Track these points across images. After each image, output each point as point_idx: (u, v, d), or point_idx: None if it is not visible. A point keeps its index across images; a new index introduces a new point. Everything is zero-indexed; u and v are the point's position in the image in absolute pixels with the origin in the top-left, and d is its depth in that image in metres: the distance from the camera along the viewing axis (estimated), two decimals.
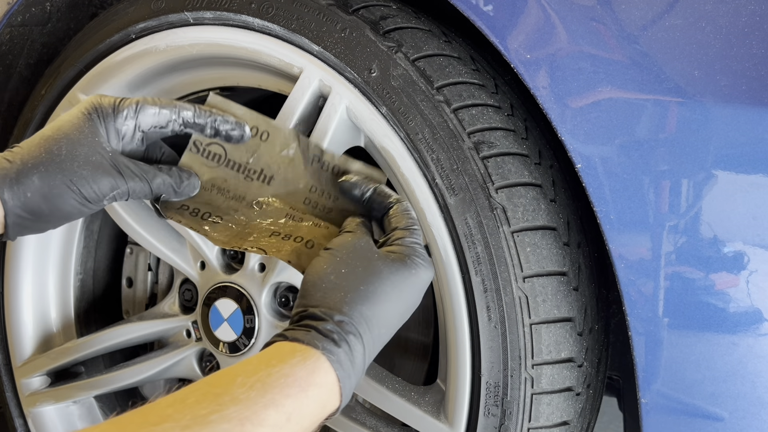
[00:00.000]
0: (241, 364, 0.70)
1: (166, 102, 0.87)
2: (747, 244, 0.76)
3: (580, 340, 0.90)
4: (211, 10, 0.98)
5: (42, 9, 1.20)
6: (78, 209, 0.83)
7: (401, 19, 0.93)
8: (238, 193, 0.91)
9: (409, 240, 0.80)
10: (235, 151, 0.91)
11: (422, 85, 0.88)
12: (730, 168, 0.76)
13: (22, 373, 1.24)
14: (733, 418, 0.79)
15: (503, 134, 0.89)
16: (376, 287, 0.76)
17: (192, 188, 0.91)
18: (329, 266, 0.77)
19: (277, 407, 0.65)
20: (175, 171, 0.89)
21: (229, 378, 0.67)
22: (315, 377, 0.69)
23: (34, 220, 0.82)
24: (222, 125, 0.89)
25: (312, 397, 0.69)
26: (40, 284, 1.24)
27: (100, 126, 0.84)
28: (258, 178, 0.91)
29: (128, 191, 0.85)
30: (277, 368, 0.68)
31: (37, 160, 0.80)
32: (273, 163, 0.90)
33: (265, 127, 0.90)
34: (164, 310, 1.19)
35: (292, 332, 0.73)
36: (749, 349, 0.78)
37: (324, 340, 0.72)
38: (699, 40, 0.76)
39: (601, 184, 0.80)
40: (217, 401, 0.64)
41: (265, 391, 0.66)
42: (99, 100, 0.85)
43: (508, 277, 0.85)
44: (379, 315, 0.76)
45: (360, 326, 0.74)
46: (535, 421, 0.88)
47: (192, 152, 0.91)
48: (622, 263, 0.80)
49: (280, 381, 0.67)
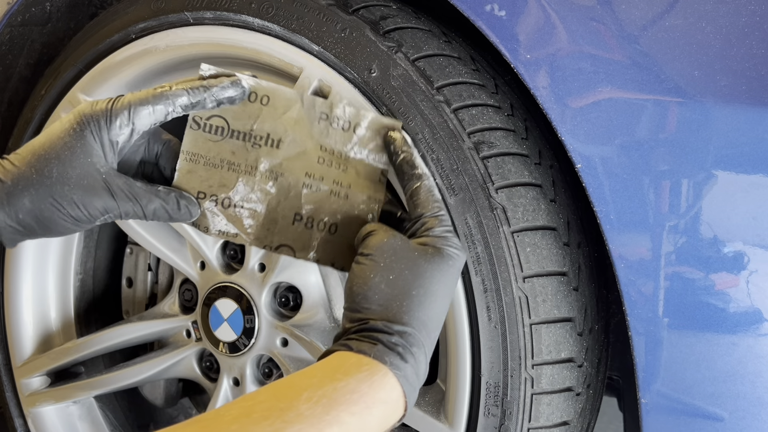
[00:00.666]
0: (305, 374, 0.69)
1: (157, 94, 0.82)
2: (747, 244, 0.76)
3: (580, 340, 0.90)
4: (211, 10, 0.98)
5: (42, 9, 1.20)
6: (70, 228, 0.82)
7: (401, 19, 0.93)
8: (249, 163, 0.88)
9: (440, 229, 0.79)
10: (238, 120, 0.88)
11: (422, 85, 0.88)
12: (730, 168, 0.76)
13: (22, 373, 1.24)
14: (733, 418, 0.79)
15: (503, 134, 0.89)
16: (426, 289, 0.75)
17: (189, 215, 0.87)
18: (375, 274, 0.75)
19: (341, 425, 0.65)
20: (173, 196, 0.86)
21: (295, 391, 0.66)
22: (381, 393, 0.68)
23: (27, 235, 0.82)
24: (220, 93, 0.84)
25: (376, 414, 0.68)
26: (40, 284, 1.23)
27: (93, 141, 0.80)
28: (266, 144, 0.88)
29: (121, 214, 0.83)
30: (343, 382, 0.67)
31: (28, 181, 0.79)
32: (278, 125, 0.88)
33: (264, 91, 0.87)
34: (164, 310, 1.19)
35: (357, 343, 0.72)
36: (749, 349, 0.78)
37: (390, 354, 0.71)
38: (699, 40, 0.76)
39: (601, 184, 0.80)
40: (282, 417, 0.63)
41: (331, 408, 0.65)
42: (90, 110, 0.81)
43: (508, 277, 0.85)
44: (433, 317, 0.75)
45: (421, 334, 0.73)
46: (535, 421, 0.88)
47: (193, 129, 0.88)
48: (622, 263, 0.80)
49: (346, 397, 0.66)
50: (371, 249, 0.78)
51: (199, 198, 0.89)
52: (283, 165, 0.88)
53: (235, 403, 0.66)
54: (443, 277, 0.76)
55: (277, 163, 0.88)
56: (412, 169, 0.82)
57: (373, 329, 0.73)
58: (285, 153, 0.88)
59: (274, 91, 0.88)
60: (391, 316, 0.73)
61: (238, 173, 0.89)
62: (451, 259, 0.77)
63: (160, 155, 0.89)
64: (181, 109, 0.83)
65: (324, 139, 0.87)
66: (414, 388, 0.72)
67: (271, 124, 0.88)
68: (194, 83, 0.84)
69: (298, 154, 0.88)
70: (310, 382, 0.67)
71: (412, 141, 0.87)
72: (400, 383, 0.70)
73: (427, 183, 0.82)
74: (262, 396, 0.66)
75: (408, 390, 0.71)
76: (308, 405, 0.64)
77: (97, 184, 0.80)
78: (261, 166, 0.88)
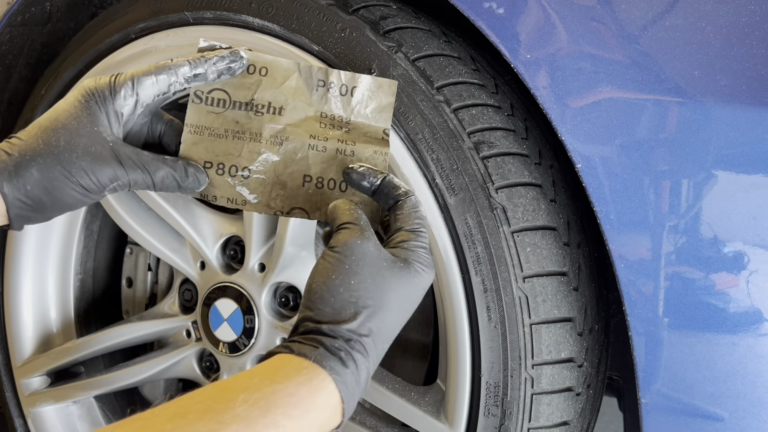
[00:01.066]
0: (244, 376, 0.68)
1: (159, 66, 0.84)
2: (747, 244, 0.76)
3: (580, 340, 0.90)
4: (211, 10, 0.98)
5: (42, 9, 1.20)
6: (80, 199, 0.82)
7: (401, 19, 0.93)
8: (253, 130, 0.89)
9: (414, 243, 0.78)
10: (238, 91, 0.89)
11: (422, 85, 0.88)
12: (730, 168, 0.76)
13: (22, 373, 1.24)
14: (733, 418, 0.79)
15: (503, 134, 0.89)
16: (384, 301, 0.74)
17: (197, 183, 0.87)
18: (337, 276, 0.74)
19: (277, 428, 0.64)
20: (180, 164, 0.86)
21: (232, 393, 0.65)
22: (319, 398, 0.68)
23: (36, 210, 0.81)
24: (221, 63, 0.86)
25: (314, 418, 0.67)
26: (39, 284, 1.23)
27: (99, 112, 0.81)
28: (268, 111, 0.89)
29: (129, 182, 0.83)
30: (282, 385, 0.66)
31: (36, 152, 0.79)
32: (278, 95, 0.89)
33: (262, 63, 0.89)
34: (164, 310, 1.19)
35: (299, 346, 0.71)
36: (749, 349, 0.78)
37: (332, 359, 0.70)
38: (699, 40, 0.75)
39: (601, 184, 0.80)
40: (217, 419, 0.62)
41: (268, 410, 0.64)
42: (94, 83, 0.82)
43: (508, 277, 0.85)
44: (385, 329, 0.74)
45: (367, 344, 0.72)
46: (535, 421, 0.88)
47: (195, 104, 0.89)
48: (622, 263, 0.80)
49: (284, 400, 0.66)
50: (341, 246, 0.76)
51: (205, 167, 0.89)
52: (287, 130, 0.89)
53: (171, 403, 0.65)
54: (405, 292, 0.76)
55: (280, 128, 0.89)
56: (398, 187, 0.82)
57: (319, 332, 0.72)
58: (288, 119, 0.89)
59: (271, 62, 0.89)
60: (340, 320, 0.72)
61: (243, 141, 0.90)
62: (418, 275, 0.76)
63: (163, 134, 0.90)
64: (184, 80, 0.84)
65: (324, 105, 0.88)
66: (353, 395, 0.70)
67: (272, 93, 0.89)
68: (194, 56, 0.86)
69: (300, 120, 0.89)
70: (248, 383, 0.66)
71: (413, 141, 0.87)
72: (339, 389, 0.69)
73: (412, 199, 0.81)
74: (199, 397, 0.65)
75: (346, 396, 0.69)
76: (245, 407, 0.63)
77: (105, 151, 0.81)
78: (265, 132, 0.89)
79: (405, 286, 0.76)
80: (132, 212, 1.13)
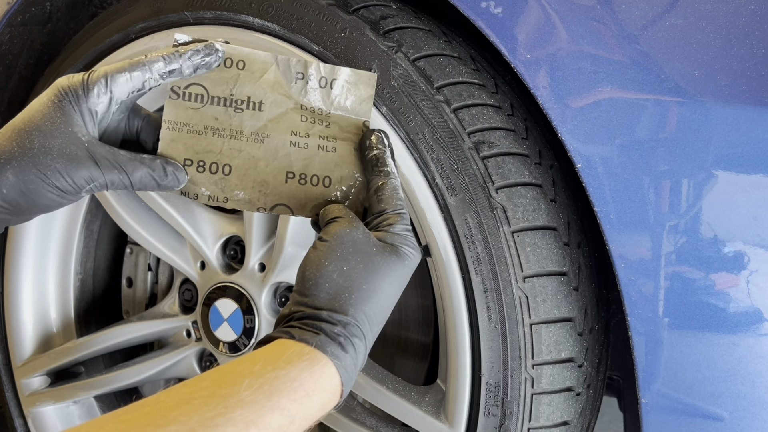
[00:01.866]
0: (246, 360, 0.70)
1: (133, 63, 0.82)
2: (747, 244, 0.76)
3: (580, 340, 0.90)
4: (211, 10, 0.98)
5: (42, 9, 1.20)
6: (57, 201, 0.81)
7: (401, 19, 0.93)
8: (234, 127, 0.88)
9: (400, 227, 0.80)
10: (216, 86, 0.88)
11: (422, 85, 0.88)
12: (730, 168, 0.76)
13: (22, 373, 1.24)
14: (733, 418, 0.79)
15: (503, 134, 0.89)
16: (377, 285, 0.76)
17: (176, 182, 0.86)
18: (330, 262, 0.76)
19: (282, 411, 0.66)
20: (159, 163, 0.84)
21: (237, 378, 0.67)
22: (321, 382, 0.70)
23: (13, 212, 0.81)
24: (195, 57, 0.84)
25: (315, 401, 0.69)
26: (40, 284, 1.24)
27: (73, 111, 0.80)
28: (248, 107, 0.88)
29: (106, 183, 0.82)
30: (284, 371, 0.68)
31: (10, 155, 0.78)
32: (257, 89, 0.88)
33: (239, 56, 0.88)
34: (164, 310, 1.19)
35: (300, 332, 0.73)
36: (749, 349, 0.78)
37: (332, 344, 0.72)
38: (699, 40, 0.76)
39: (601, 184, 0.80)
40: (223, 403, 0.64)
41: (272, 394, 0.66)
42: (68, 81, 0.81)
43: (508, 277, 0.85)
44: (378, 312, 0.77)
45: (364, 328, 0.75)
46: (535, 421, 0.88)
47: (173, 99, 0.87)
48: (622, 263, 0.80)
49: (287, 385, 0.67)
50: (331, 236, 0.78)
51: (185, 165, 0.88)
52: (268, 126, 0.88)
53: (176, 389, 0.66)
54: (395, 276, 0.78)
55: (261, 125, 0.88)
56: (381, 167, 0.83)
57: (317, 318, 0.74)
58: (268, 115, 0.88)
59: (248, 55, 0.88)
60: (337, 306, 0.75)
61: (224, 138, 0.88)
62: (407, 258, 0.79)
63: (141, 129, 0.88)
64: (159, 75, 0.83)
65: (303, 98, 0.88)
66: (351, 377, 0.74)
67: (250, 88, 0.88)
68: (169, 50, 0.84)
69: (280, 114, 0.88)
70: (251, 369, 0.68)
71: (413, 141, 0.87)
72: (339, 373, 0.72)
73: (393, 181, 0.82)
74: (204, 383, 0.67)
75: (346, 379, 0.72)
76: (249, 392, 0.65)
77: (80, 152, 0.80)
78: (246, 129, 0.88)
79: (396, 269, 0.78)
80: (132, 212, 1.13)
